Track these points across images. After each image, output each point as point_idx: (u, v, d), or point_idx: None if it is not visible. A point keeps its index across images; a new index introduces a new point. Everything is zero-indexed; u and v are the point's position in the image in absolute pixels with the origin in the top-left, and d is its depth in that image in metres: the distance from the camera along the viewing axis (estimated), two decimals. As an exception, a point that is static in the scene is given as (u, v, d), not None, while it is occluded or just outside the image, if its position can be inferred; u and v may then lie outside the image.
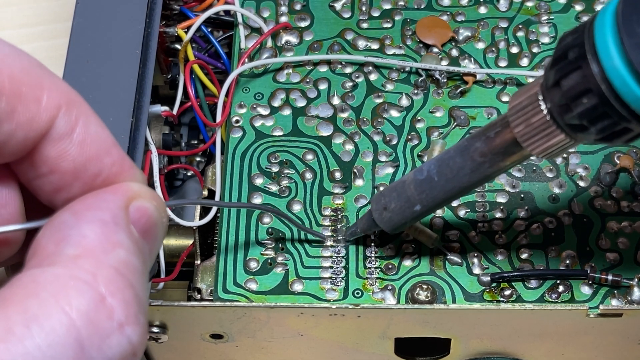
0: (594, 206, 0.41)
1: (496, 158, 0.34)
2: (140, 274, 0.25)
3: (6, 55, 0.26)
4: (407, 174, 0.37)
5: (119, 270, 0.25)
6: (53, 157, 0.26)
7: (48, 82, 0.26)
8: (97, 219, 0.25)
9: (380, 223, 0.38)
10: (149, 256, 0.27)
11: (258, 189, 0.41)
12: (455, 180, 0.35)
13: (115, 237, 0.25)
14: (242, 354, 0.40)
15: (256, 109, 0.43)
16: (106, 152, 0.27)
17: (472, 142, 0.35)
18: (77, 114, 0.26)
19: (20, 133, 0.26)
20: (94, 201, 0.26)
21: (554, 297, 0.38)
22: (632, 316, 0.37)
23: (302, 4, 0.46)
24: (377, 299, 0.38)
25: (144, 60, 0.40)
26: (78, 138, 0.26)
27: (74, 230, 0.25)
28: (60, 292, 0.23)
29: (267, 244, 0.40)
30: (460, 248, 0.40)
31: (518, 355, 0.40)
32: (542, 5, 0.46)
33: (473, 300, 0.38)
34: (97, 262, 0.24)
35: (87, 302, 0.23)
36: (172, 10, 0.47)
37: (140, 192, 0.27)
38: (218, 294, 0.39)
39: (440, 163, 0.36)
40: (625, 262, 0.39)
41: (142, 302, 0.25)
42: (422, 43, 0.45)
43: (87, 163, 0.27)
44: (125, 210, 0.26)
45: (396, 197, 0.37)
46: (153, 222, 0.27)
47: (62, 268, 0.24)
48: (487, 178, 0.35)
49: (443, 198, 0.36)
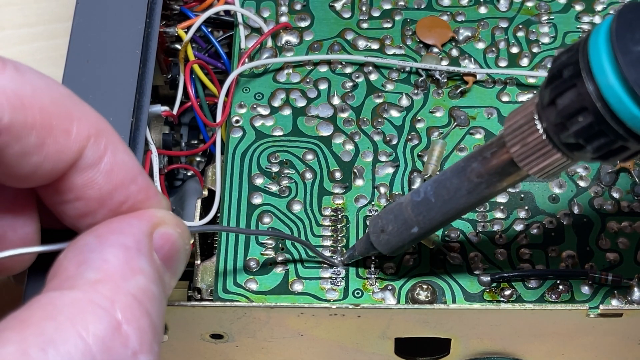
0: (594, 206, 0.41)
1: (493, 178, 0.34)
2: (158, 301, 0.26)
3: (39, 88, 0.26)
4: (404, 196, 0.37)
5: (137, 298, 0.25)
6: (80, 185, 0.26)
7: (78, 112, 0.26)
8: (120, 243, 0.26)
9: (377, 246, 0.37)
10: (169, 283, 0.27)
11: (258, 189, 0.41)
12: (452, 201, 0.35)
13: (137, 263, 0.25)
14: (242, 354, 0.40)
15: (256, 109, 0.43)
16: (132, 180, 0.27)
17: (468, 162, 0.34)
18: (105, 143, 0.27)
19: (49, 164, 0.26)
20: (119, 225, 0.26)
21: (554, 297, 0.38)
22: (632, 316, 0.37)
23: (302, 4, 0.46)
24: (377, 299, 0.38)
25: (144, 60, 0.40)
26: (105, 167, 0.27)
27: (96, 253, 0.25)
28: (78, 317, 0.23)
29: (267, 244, 0.40)
30: (460, 248, 0.40)
31: (518, 355, 0.40)
32: (542, 5, 0.46)
33: (473, 300, 0.38)
34: (116, 288, 0.25)
35: (103, 328, 0.23)
36: (172, 10, 0.47)
37: (165, 219, 0.27)
38: (218, 294, 0.39)
39: (437, 184, 0.35)
40: (625, 262, 0.39)
41: (157, 331, 0.25)
42: (422, 43, 0.45)
43: (113, 191, 0.27)
44: (149, 236, 0.26)
45: (393, 219, 0.37)
46: (176, 249, 0.27)
47: (81, 292, 0.24)
48: (484, 199, 0.35)
49: (441, 220, 0.36)
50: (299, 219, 0.40)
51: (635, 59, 0.28)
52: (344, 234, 0.40)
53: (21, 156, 0.25)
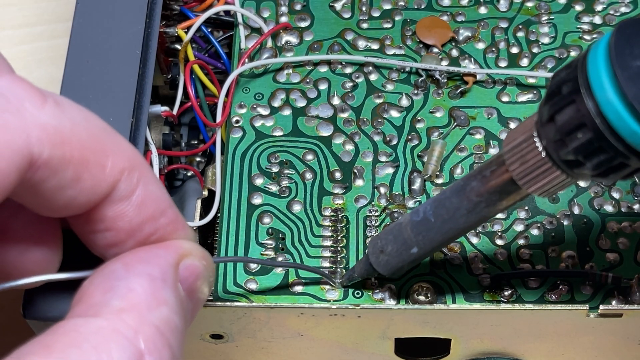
0: (594, 206, 0.41)
1: (492, 197, 0.33)
2: (179, 333, 0.26)
3: (78, 123, 0.26)
4: (404, 216, 0.37)
5: (160, 329, 0.25)
6: (111, 217, 0.27)
7: (113, 146, 0.27)
8: (147, 273, 0.26)
9: (377, 267, 0.37)
10: (190, 315, 0.28)
11: (258, 189, 0.41)
12: (451, 221, 0.34)
13: (162, 294, 0.26)
14: (242, 354, 0.40)
15: (256, 109, 0.43)
16: (162, 212, 0.27)
17: (467, 181, 0.34)
18: (138, 177, 0.27)
19: (83, 198, 0.26)
20: (146, 255, 0.26)
21: (554, 298, 0.38)
22: (632, 316, 0.37)
23: (302, 4, 0.46)
24: (377, 299, 0.38)
25: (144, 61, 0.40)
26: (137, 200, 0.27)
27: (123, 282, 0.25)
28: (102, 345, 0.24)
29: (267, 245, 0.40)
30: (460, 248, 0.40)
31: (518, 356, 0.40)
32: (542, 6, 0.46)
33: (473, 301, 0.38)
34: (140, 318, 0.25)
35: (127, 357, 0.24)
36: (172, 11, 0.47)
37: (192, 251, 0.28)
38: (218, 294, 0.39)
39: (436, 204, 0.35)
40: (626, 262, 0.39)
41: None
42: (422, 43, 0.45)
43: (143, 223, 0.27)
44: (175, 267, 0.27)
45: (392, 239, 0.36)
46: (200, 281, 0.28)
47: (106, 320, 0.24)
48: (484, 218, 0.34)
49: (440, 240, 0.35)
50: (299, 219, 0.40)
51: (634, 74, 0.27)
52: (344, 234, 0.40)
53: (57, 190, 0.26)
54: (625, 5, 0.46)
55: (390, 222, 0.40)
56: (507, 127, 0.42)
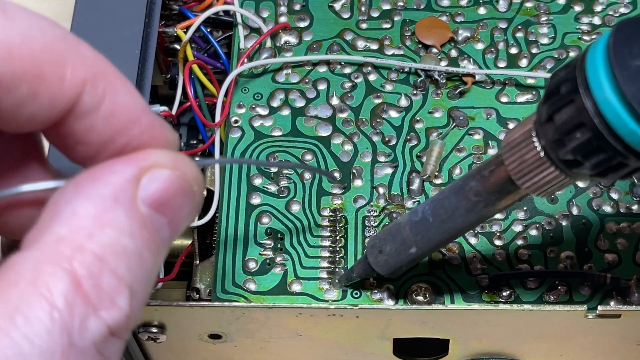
0: (593, 207, 0.41)
1: (491, 197, 0.33)
2: (131, 255, 0.24)
3: (29, 35, 0.24)
4: (403, 216, 0.37)
5: (98, 255, 0.24)
6: (80, 131, 0.25)
7: (73, 56, 0.25)
8: (96, 194, 0.24)
9: (375, 267, 0.37)
10: (168, 232, 0.25)
11: (257, 189, 0.41)
12: (450, 221, 0.34)
13: (109, 215, 0.24)
14: (240, 354, 0.40)
15: (255, 109, 0.43)
16: (134, 122, 0.26)
17: (466, 181, 0.34)
18: (104, 87, 0.25)
19: (43, 113, 0.25)
20: (100, 173, 0.25)
21: (553, 298, 0.38)
22: (630, 317, 0.37)
23: (302, 4, 0.46)
24: (376, 299, 0.38)
25: (143, 60, 0.40)
26: (105, 112, 0.25)
27: (68, 206, 0.24)
28: (39, 280, 0.23)
29: (266, 244, 0.40)
30: (459, 249, 0.40)
31: (517, 356, 0.40)
32: (541, 6, 0.46)
33: (472, 301, 0.38)
34: (77, 246, 0.24)
35: (64, 287, 0.23)
36: (172, 10, 0.47)
37: (159, 161, 0.25)
38: (217, 294, 0.39)
39: (435, 204, 0.35)
40: (624, 263, 0.39)
41: (123, 285, 0.24)
42: (421, 43, 0.45)
43: (114, 135, 0.26)
44: (133, 182, 0.25)
45: (391, 239, 0.36)
46: (173, 191, 0.25)
47: (42, 252, 0.24)
48: (483, 218, 0.34)
49: (439, 240, 0.35)
50: (298, 219, 0.40)
51: (633, 73, 0.27)
52: (343, 234, 0.40)
53: (14, 107, 0.24)
54: (625, 6, 0.46)
55: (389, 222, 0.40)
56: (506, 127, 0.42)
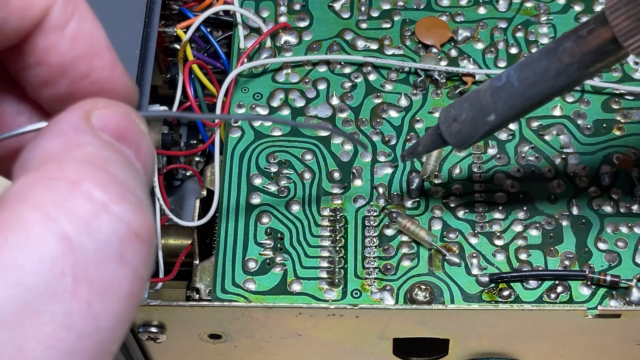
0: (593, 207, 0.41)
1: (586, 58, 0.32)
2: (122, 165, 0.23)
3: None
4: (483, 83, 0.36)
5: (89, 161, 0.22)
6: (42, 48, 0.25)
7: None
8: (55, 132, 0.23)
9: (448, 137, 0.36)
10: (136, 160, 0.24)
11: (257, 189, 0.41)
12: (537, 85, 0.33)
13: (79, 139, 0.23)
14: (240, 354, 0.40)
15: (255, 109, 0.43)
16: (97, 53, 0.25)
17: (560, 42, 0.33)
18: (73, 9, 0.25)
19: (14, 20, 0.25)
20: (52, 123, 0.24)
21: (553, 298, 0.38)
22: (630, 317, 0.37)
23: (301, 4, 0.46)
24: (376, 299, 0.38)
25: (143, 60, 0.40)
26: (70, 33, 0.25)
27: (34, 150, 0.23)
28: (28, 196, 0.21)
29: (266, 244, 0.40)
30: (458, 248, 0.40)
31: (516, 356, 0.40)
32: (541, 6, 0.46)
33: (471, 301, 0.38)
34: (61, 160, 0.22)
35: (57, 193, 0.21)
36: (172, 10, 0.47)
37: (99, 103, 0.25)
38: (216, 294, 0.39)
39: (523, 67, 0.34)
40: (624, 263, 0.39)
41: (126, 184, 0.22)
42: (421, 43, 0.45)
43: (76, 60, 0.25)
44: (86, 119, 0.24)
45: (468, 107, 0.35)
46: (125, 126, 0.24)
47: (26, 177, 0.22)
48: (573, 83, 0.33)
49: (521, 107, 0.34)
50: (298, 219, 0.40)
51: None
52: (343, 234, 0.40)
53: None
54: (625, 6, 0.46)
55: (389, 222, 0.40)
56: (506, 127, 0.42)
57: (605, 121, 0.43)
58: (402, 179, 0.41)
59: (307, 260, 0.39)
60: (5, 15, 0.24)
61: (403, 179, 0.41)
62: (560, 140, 0.42)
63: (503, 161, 0.42)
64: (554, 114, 0.43)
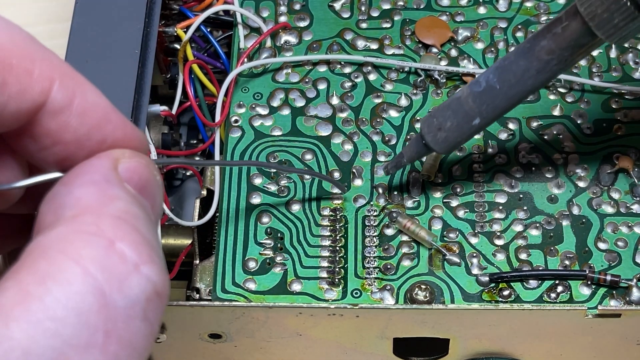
0: (593, 206, 0.41)
1: (564, 53, 0.34)
2: (145, 220, 0.25)
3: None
4: (459, 90, 0.37)
5: (122, 218, 0.24)
6: (54, 129, 0.26)
7: (40, 55, 0.26)
8: (88, 180, 0.25)
9: (434, 145, 0.38)
10: (153, 213, 0.27)
11: (257, 188, 0.41)
12: (519, 84, 0.35)
13: (111, 191, 0.25)
14: (240, 353, 0.40)
15: (255, 108, 0.43)
16: (107, 119, 0.27)
17: (535, 42, 0.35)
18: (73, 86, 0.26)
19: (13, 104, 0.25)
20: (82, 168, 0.26)
21: (553, 298, 0.38)
22: (630, 317, 0.37)
23: (302, 4, 0.46)
24: (376, 299, 0.38)
25: (143, 60, 0.40)
26: (77, 109, 0.26)
27: (68, 196, 0.25)
28: (68, 247, 0.23)
29: (266, 244, 0.40)
30: (459, 248, 0.40)
31: (516, 356, 0.40)
32: (541, 6, 0.46)
33: (472, 301, 0.38)
34: (98, 214, 0.24)
35: (96, 249, 0.23)
36: (172, 10, 0.47)
37: (125, 154, 0.27)
38: (217, 294, 0.39)
39: (501, 70, 0.36)
40: (624, 263, 0.39)
41: (152, 245, 0.24)
42: (422, 43, 0.45)
43: (89, 132, 0.26)
44: (114, 170, 0.26)
45: (451, 115, 0.37)
46: (146, 178, 0.26)
47: (64, 227, 0.24)
48: (552, 77, 0.35)
49: (505, 106, 0.36)
50: (298, 219, 0.40)
51: None
52: (343, 234, 0.40)
53: None
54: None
55: (389, 221, 0.40)
56: (506, 127, 0.42)
57: (606, 121, 0.43)
58: (402, 179, 0.41)
59: (307, 260, 0.39)
60: (4, 100, 0.25)
61: (403, 178, 0.41)
62: (560, 140, 0.42)
63: (503, 161, 0.42)
64: (554, 114, 0.43)
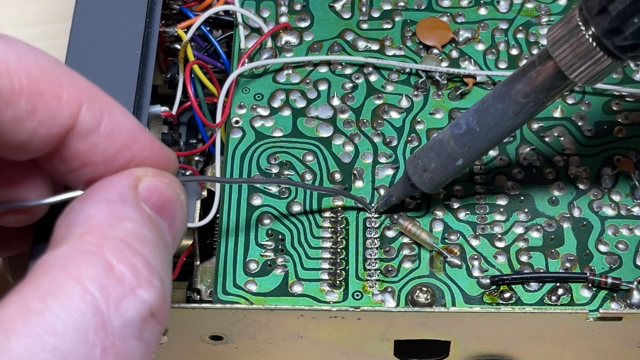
0: (594, 209, 0.41)
1: (540, 96, 0.35)
2: (153, 244, 0.26)
3: (23, 54, 0.26)
4: (441, 132, 0.38)
5: (125, 240, 0.25)
6: (83, 151, 0.27)
7: (67, 79, 0.27)
8: (103, 198, 0.26)
9: (421, 185, 0.39)
10: (171, 235, 0.27)
11: (258, 190, 0.41)
12: (498, 126, 0.36)
13: (122, 212, 0.26)
14: (241, 355, 0.40)
15: (256, 109, 0.43)
16: (134, 139, 0.27)
17: (511, 86, 0.36)
18: (100, 108, 0.27)
19: (43, 130, 0.26)
20: (101, 185, 0.27)
21: (554, 300, 0.38)
22: (631, 320, 0.37)
23: (302, 4, 0.46)
24: (377, 301, 0.38)
25: (144, 61, 0.39)
26: (105, 131, 0.27)
27: (81, 213, 0.26)
28: (70, 266, 0.24)
29: (267, 246, 0.40)
30: (460, 250, 0.40)
31: (517, 358, 0.40)
32: (542, 7, 0.46)
33: (473, 303, 0.38)
34: (102, 235, 0.25)
35: (96, 270, 0.24)
36: (172, 10, 0.47)
37: (149, 172, 0.27)
38: (217, 295, 0.39)
39: (480, 113, 0.37)
40: (625, 265, 0.39)
41: (154, 268, 0.25)
42: (422, 44, 0.45)
43: (117, 153, 0.27)
44: (133, 189, 0.27)
45: (435, 156, 0.38)
46: (167, 198, 0.27)
47: (69, 246, 0.25)
48: (530, 117, 0.36)
49: (486, 147, 0.37)
50: (299, 221, 0.40)
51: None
52: (344, 235, 0.40)
53: (14, 123, 0.26)
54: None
55: (390, 223, 0.40)
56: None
57: (606, 123, 0.43)
58: (403, 180, 0.41)
59: (308, 262, 0.39)
60: (35, 126, 0.26)
61: (404, 180, 0.41)
62: (561, 142, 0.42)
63: (504, 163, 0.42)
64: (555, 116, 0.43)
